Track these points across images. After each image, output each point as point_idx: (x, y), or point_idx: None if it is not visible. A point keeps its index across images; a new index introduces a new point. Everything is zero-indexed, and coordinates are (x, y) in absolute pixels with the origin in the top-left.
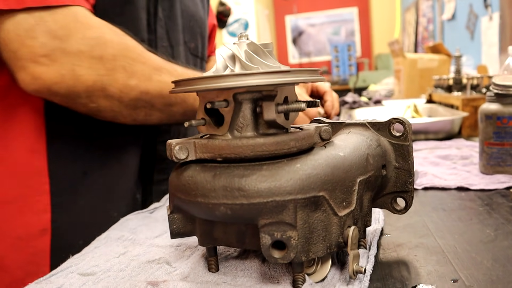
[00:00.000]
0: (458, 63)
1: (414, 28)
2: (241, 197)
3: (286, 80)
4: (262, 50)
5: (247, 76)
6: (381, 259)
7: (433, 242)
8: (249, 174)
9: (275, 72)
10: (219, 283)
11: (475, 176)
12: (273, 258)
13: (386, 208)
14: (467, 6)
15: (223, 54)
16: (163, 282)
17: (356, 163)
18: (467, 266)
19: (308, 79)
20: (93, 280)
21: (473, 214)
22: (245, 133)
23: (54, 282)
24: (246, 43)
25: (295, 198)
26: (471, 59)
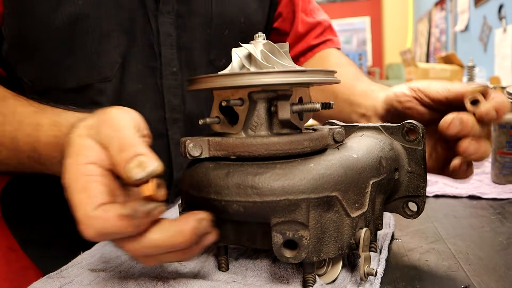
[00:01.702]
0: (471, 73)
1: (426, 38)
2: (254, 195)
3: (301, 79)
4: (278, 50)
5: (262, 74)
6: (392, 263)
7: (444, 248)
8: (262, 172)
9: (290, 71)
10: (229, 282)
11: (487, 185)
12: (284, 257)
13: (397, 212)
14: (481, 17)
15: (239, 54)
16: (174, 279)
17: (369, 165)
18: (479, 273)
19: (324, 80)
20: (103, 276)
21: (485, 222)
22: (259, 132)
23: (65, 277)
24: (262, 43)
25: (308, 197)
26: (484, 71)
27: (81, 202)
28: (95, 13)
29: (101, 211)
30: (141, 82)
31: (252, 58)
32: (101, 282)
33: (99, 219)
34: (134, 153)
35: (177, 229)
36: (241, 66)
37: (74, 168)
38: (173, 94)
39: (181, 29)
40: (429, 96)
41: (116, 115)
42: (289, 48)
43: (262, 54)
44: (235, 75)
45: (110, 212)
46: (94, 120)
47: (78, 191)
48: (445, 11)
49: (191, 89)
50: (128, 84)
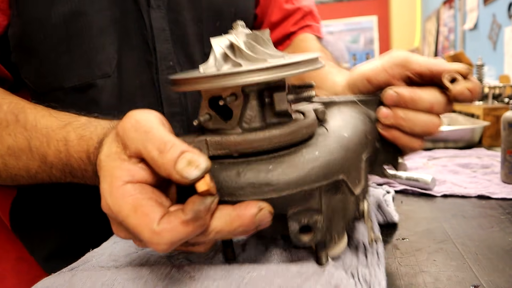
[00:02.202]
0: (480, 72)
1: (434, 37)
2: (270, 191)
3: (296, 71)
4: (262, 38)
5: (258, 72)
6: (400, 263)
7: (452, 247)
8: (274, 168)
9: (285, 65)
10: (243, 264)
11: (496, 185)
12: (301, 242)
13: (377, 175)
14: (490, 16)
15: (221, 45)
16: (188, 265)
17: (359, 141)
18: (488, 273)
19: (316, 68)
20: (113, 271)
21: (494, 222)
22: (253, 124)
23: (76, 274)
24: (244, 32)
25: (320, 185)
26: (493, 70)
27: (141, 223)
28: (90, 9)
29: (165, 224)
30: (138, 77)
31: (236, 49)
32: (111, 277)
33: (167, 232)
34: (179, 152)
35: (235, 213)
36: (225, 57)
37: (114, 193)
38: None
39: (174, 24)
40: (412, 70)
41: (140, 117)
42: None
43: (247, 44)
44: (230, 74)
45: (175, 222)
46: (119, 130)
47: (130, 214)
48: (453, 10)
49: (178, 91)
50: (126, 80)
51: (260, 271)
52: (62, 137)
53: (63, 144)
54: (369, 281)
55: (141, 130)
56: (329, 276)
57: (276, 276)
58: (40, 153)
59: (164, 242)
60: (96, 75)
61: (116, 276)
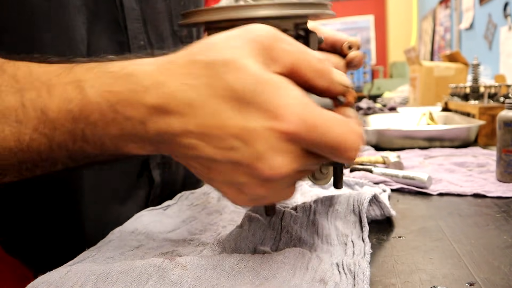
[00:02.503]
0: (475, 72)
1: (430, 37)
2: None
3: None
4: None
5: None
6: (396, 261)
7: (448, 246)
8: None
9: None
10: (232, 254)
11: (491, 184)
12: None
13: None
14: (486, 15)
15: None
16: (180, 257)
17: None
18: (484, 271)
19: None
20: (107, 265)
21: (490, 220)
22: None
23: (71, 270)
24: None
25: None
26: (489, 69)
27: (348, 129)
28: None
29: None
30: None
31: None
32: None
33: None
34: (331, 64)
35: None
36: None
37: (309, 106)
38: None
39: (143, 2)
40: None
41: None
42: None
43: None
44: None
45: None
46: (264, 42)
47: (335, 122)
48: (449, 9)
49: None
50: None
51: (248, 262)
52: (72, 79)
53: (75, 87)
54: (353, 270)
55: (294, 42)
56: (313, 271)
57: (263, 268)
58: (37, 107)
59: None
60: (76, 54)
61: (109, 270)
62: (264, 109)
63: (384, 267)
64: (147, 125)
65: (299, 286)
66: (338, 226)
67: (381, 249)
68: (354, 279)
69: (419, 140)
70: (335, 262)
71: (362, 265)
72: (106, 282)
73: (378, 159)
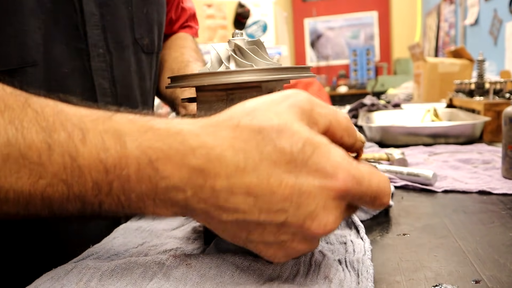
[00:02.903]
0: (481, 68)
1: (435, 33)
2: None
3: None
4: (255, 47)
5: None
6: (401, 258)
7: (453, 243)
8: None
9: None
10: (237, 253)
11: (497, 181)
12: None
13: None
14: (491, 11)
15: (218, 50)
16: (185, 255)
17: None
18: (489, 268)
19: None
20: (112, 262)
21: (495, 217)
22: None
23: (76, 266)
24: (240, 40)
25: None
26: (494, 65)
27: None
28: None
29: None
30: (68, 65)
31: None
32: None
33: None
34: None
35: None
36: (220, 63)
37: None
38: (102, 77)
39: (104, 8)
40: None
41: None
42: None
43: (241, 51)
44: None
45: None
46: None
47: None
48: (454, 5)
49: (171, 87)
50: (54, 68)
51: (252, 261)
52: (111, 128)
53: (114, 138)
54: (357, 268)
55: (326, 105)
56: (317, 268)
57: (267, 267)
58: (65, 151)
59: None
60: (26, 61)
61: (114, 267)
62: (315, 169)
63: (388, 264)
64: (184, 188)
65: (304, 284)
66: (336, 232)
67: (386, 247)
68: (358, 277)
69: (424, 137)
70: (337, 259)
71: (366, 263)
72: (110, 279)
73: (382, 156)
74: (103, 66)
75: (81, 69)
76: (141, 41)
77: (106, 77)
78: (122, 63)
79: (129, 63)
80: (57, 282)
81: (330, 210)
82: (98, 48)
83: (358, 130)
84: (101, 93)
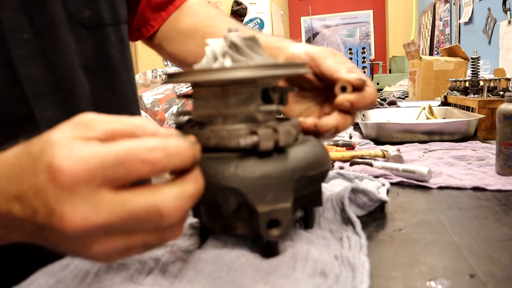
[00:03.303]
0: (475, 65)
1: (430, 31)
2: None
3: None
4: (251, 43)
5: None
6: (397, 253)
7: (448, 238)
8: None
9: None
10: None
11: (491, 177)
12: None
13: None
14: (485, 10)
15: (214, 46)
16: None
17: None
18: (484, 263)
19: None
20: None
21: (489, 213)
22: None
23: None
24: (235, 36)
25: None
26: (488, 64)
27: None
28: None
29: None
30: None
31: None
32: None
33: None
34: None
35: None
36: (215, 59)
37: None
38: (32, 65)
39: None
40: (320, 69)
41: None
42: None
43: (236, 47)
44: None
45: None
46: (77, 119)
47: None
48: (449, 4)
49: (169, 82)
50: None
51: (249, 257)
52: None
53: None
54: (353, 263)
55: (104, 116)
56: (314, 263)
57: (263, 263)
58: None
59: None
60: None
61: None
62: (46, 165)
63: (384, 260)
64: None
65: (300, 279)
66: (332, 228)
67: (381, 242)
68: (353, 272)
69: (419, 134)
70: (333, 254)
71: (362, 259)
72: (107, 274)
73: (378, 153)
74: (29, 53)
75: (1, 59)
76: (79, 14)
77: (37, 64)
78: (58, 46)
79: (67, 42)
80: (53, 277)
81: (73, 202)
82: (21, 34)
83: (354, 127)
84: (28, 83)
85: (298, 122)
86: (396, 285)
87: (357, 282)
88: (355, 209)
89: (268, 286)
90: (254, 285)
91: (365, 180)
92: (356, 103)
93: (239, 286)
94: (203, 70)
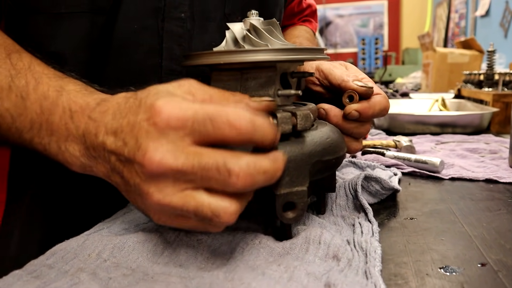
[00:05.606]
0: (491, 58)
1: (445, 23)
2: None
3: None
4: (271, 27)
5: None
6: (408, 241)
7: (460, 228)
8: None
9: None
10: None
11: (504, 170)
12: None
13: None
14: (503, 2)
15: (234, 30)
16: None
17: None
18: (495, 252)
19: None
20: (124, 236)
21: (501, 205)
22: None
23: (88, 239)
24: (255, 20)
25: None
26: (504, 57)
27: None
28: None
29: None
30: (138, 22)
31: (246, 35)
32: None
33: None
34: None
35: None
36: (236, 42)
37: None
38: (176, 42)
39: None
40: (329, 80)
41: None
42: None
43: (256, 31)
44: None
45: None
46: (182, 83)
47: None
48: None
49: (187, 64)
50: (122, 21)
51: (262, 239)
52: (57, 84)
53: (55, 90)
54: (365, 248)
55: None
56: (326, 247)
57: (277, 245)
58: (19, 93)
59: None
60: (89, 6)
61: (126, 240)
62: (147, 107)
63: (396, 246)
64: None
65: (313, 262)
66: (344, 215)
67: (393, 230)
68: (366, 257)
69: (431, 126)
70: (345, 239)
71: (374, 244)
72: (122, 251)
73: (390, 143)
74: (179, 31)
75: (152, 28)
76: (232, 17)
77: (181, 44)
78: (204, 35)
79: (213, 38)
80: (69, 253)
81: (159, 141)
82: (179, 12)
83: None
84: (167, 57)
85: (315, 108)
86: (407, 270)
87: (370, 266)
88: (367, 196)
89: (281, 267)
90: (267, 266)
91: (377, 169)
92: (363, 112)
93: (253, 267)
94: (223, 52)
